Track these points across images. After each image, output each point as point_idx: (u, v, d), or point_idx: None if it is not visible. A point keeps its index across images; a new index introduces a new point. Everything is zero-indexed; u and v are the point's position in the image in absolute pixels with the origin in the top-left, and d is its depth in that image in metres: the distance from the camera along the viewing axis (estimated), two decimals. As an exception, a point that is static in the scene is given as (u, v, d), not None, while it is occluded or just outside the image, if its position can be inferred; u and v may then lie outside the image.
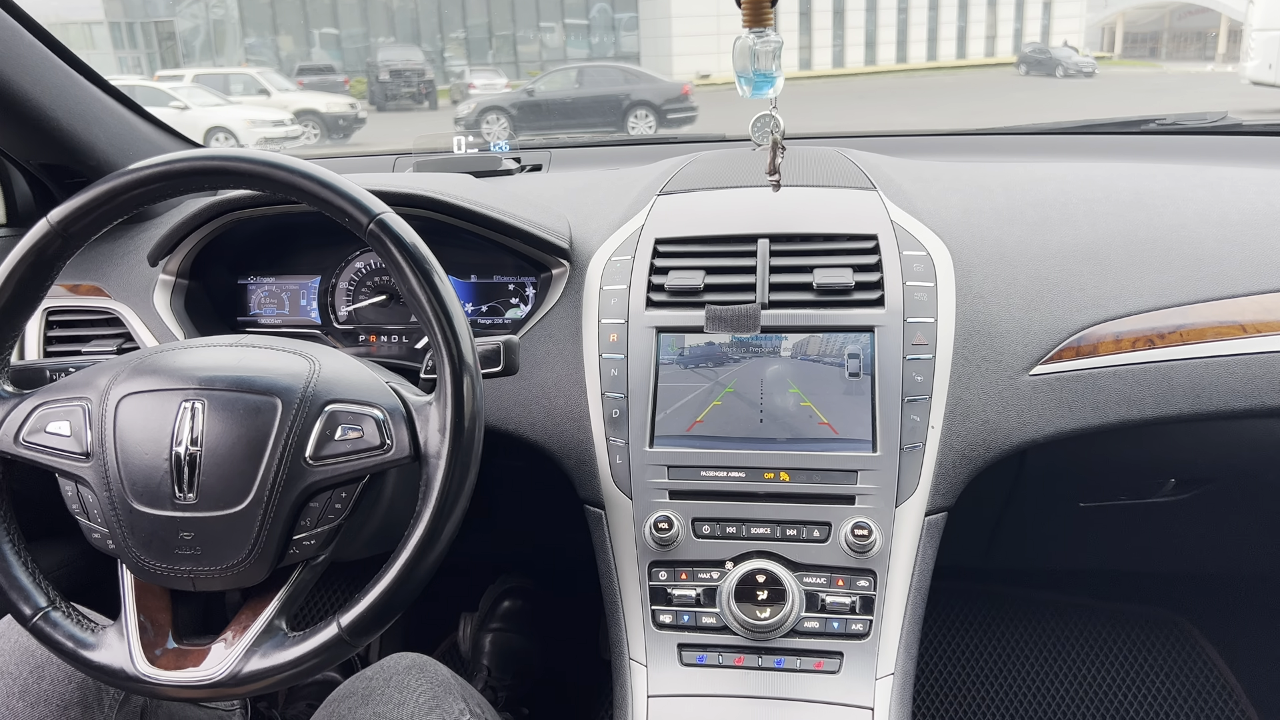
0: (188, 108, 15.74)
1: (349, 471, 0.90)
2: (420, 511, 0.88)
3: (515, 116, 16.24)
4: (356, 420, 0.91)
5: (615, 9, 32.15)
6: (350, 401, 0.92)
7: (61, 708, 1.00)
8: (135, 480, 0.90)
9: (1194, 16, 31.81)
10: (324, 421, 0.91)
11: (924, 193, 1.32)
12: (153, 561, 0.90)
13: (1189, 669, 1.97)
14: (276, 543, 0.90)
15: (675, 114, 15.89)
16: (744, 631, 1.09)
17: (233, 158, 0.91)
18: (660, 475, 1.15)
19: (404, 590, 0.88)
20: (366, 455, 0.90)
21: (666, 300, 1.20)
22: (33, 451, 0.93)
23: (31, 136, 1.45)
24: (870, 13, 31.27)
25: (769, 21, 1.08)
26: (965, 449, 1.15)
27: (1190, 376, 1.17)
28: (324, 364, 0.96)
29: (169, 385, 0.92)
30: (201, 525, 0.89)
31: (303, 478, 0.89)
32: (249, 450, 0.89)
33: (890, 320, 1.14)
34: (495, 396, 1.25)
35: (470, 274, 1.43)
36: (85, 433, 0.91)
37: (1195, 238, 1.25)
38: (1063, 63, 24.42)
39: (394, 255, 0.89)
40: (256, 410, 0.90)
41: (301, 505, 0.90)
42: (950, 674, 2.01)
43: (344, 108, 18.19)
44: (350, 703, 1.04)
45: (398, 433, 0.90)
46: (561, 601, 2.09)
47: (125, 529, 0.90)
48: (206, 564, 0.89)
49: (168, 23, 29.44)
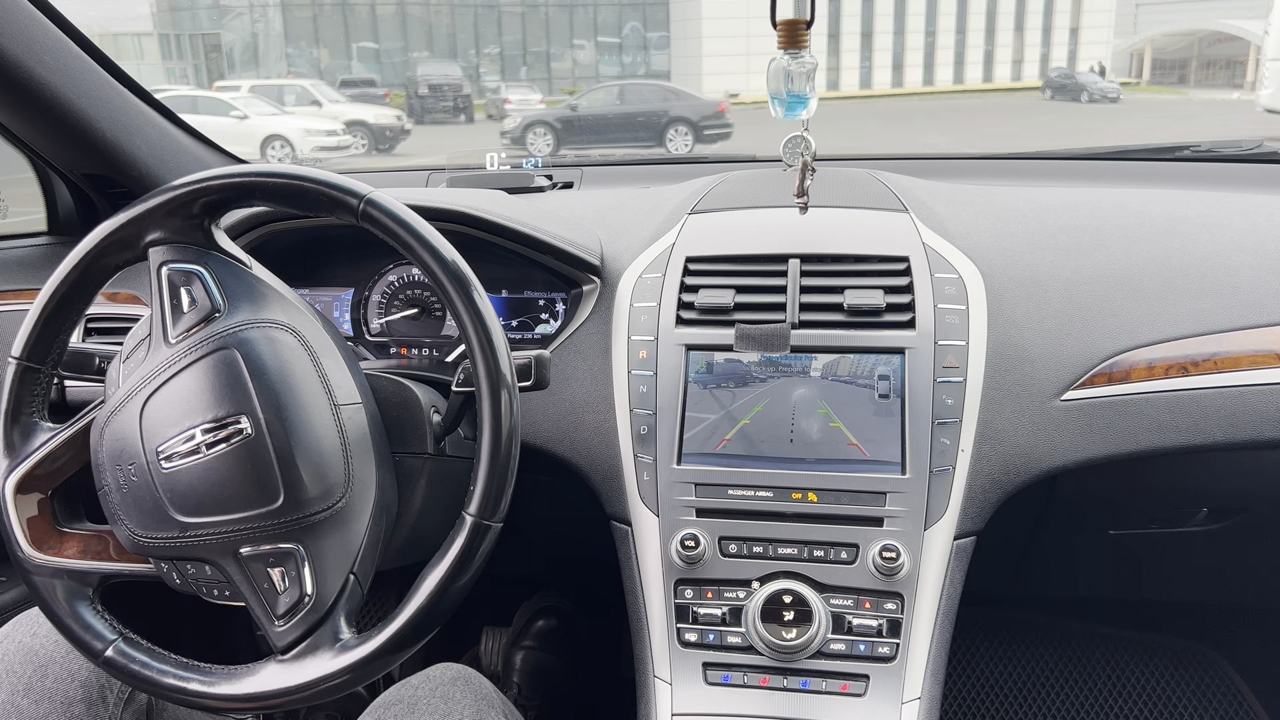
0: (247, 117, 16.21)
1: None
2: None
3: (559, 131, 16.61)
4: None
5: (647, 28, 32.82)
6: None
7: (66, 705, 1.01)
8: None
9: (1223, 44, 31.61)
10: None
11: (956, 215, 1.32)
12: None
13: (1217, 701, 1.94)
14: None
15: (711, 130, 16.16)
16: (769, 652, 1.08)
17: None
18: (688, 493, 1.15)
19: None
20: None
21: (696, 318, 1.20)
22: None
23: (76, 147, 1.48)
24: (898, 35, 31.42)
25: (805, 44, 1.09)
26: (995, 473, 1.14)
27: (1224, 405, 1.16)
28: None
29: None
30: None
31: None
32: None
33: (921, 342, 1.14)
34: (525, 411, 1.25)
35: (502, 289, 1.44)
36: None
37: (1231, 265, 1.24)
38: (1088, 88, 24.40)
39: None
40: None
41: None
42: (976, 700, 1.99)
43: (391, 119, 18.76)
44: (396, 710, 1.04)
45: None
46: (589, 619, 2.08)
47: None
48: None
49: (214, 35, 30.35)
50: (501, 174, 1.70)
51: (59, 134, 1.45)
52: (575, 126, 16.79)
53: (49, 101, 1.37)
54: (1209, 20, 31.58)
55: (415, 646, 0.89)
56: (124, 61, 1.51)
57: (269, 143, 15.73)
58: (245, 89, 19.01)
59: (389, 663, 0.88)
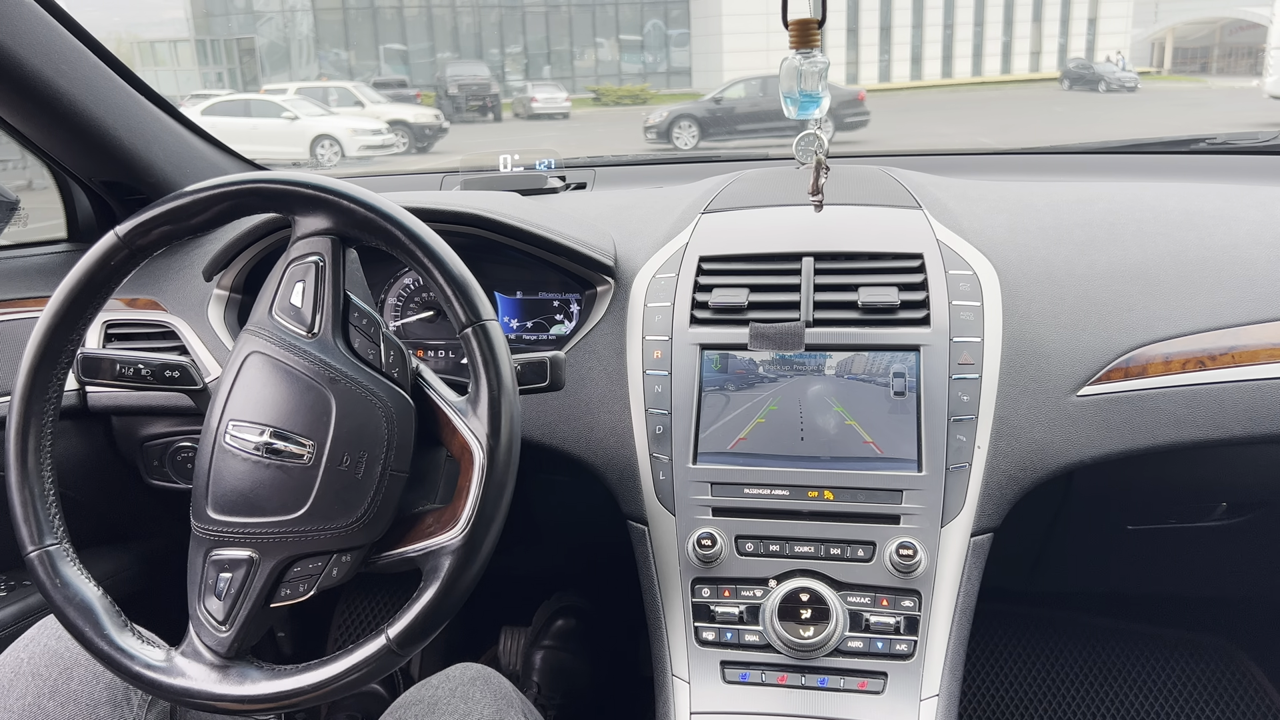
0: (297, 118, 16.65)
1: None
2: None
3: (703, 122, 16.99)
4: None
5: (668, 25, 33.19)
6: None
7: (90, 707, 1.02)
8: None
9: (1245, 32, 31.34)
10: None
11: (970, 212, 1.32)
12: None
13: (1238, 696, 1.93)
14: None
15: (851, 118, 16.73)
16: (787, 650, 1.08)
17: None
18: (703, 492, 1.15)
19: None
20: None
21: (711, 317, 1.20)
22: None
23: (95, 155, 1.50)
24: (916, 29, 31.51)
25: (816, 43, 1.09)
26: (1011, 469, 1.14)
27: (1243, 398, 1.15)
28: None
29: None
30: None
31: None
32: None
33: (936, 340, 1.14)
34: (540, 412, 1.26)
35: (516, 290, 1.45)
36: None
37: (1248, 258, 1.23)
38: (1105, 78, 24.37)
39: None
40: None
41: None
42: (995, 697, 1.99)
43: (430, 118, 19.24)
44: (416, 710, 1.05)
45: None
46: (607, 618, 2.09)
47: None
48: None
49: (247, 40, 30.84)
50: (515, 176, 1.71)
51: (78, 142, 1.47)
52: (718, 119, 17.15)
53: (68, 110, 1.38)
54: (1230, 8, 31.33)
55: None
56: (160, 68, 1.51)
57: (318, 142, 16.18)
58: (292, 91, 19.42)
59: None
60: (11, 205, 1.75)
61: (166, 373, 1.04)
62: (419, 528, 0.94)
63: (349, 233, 0.93)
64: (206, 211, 0.94)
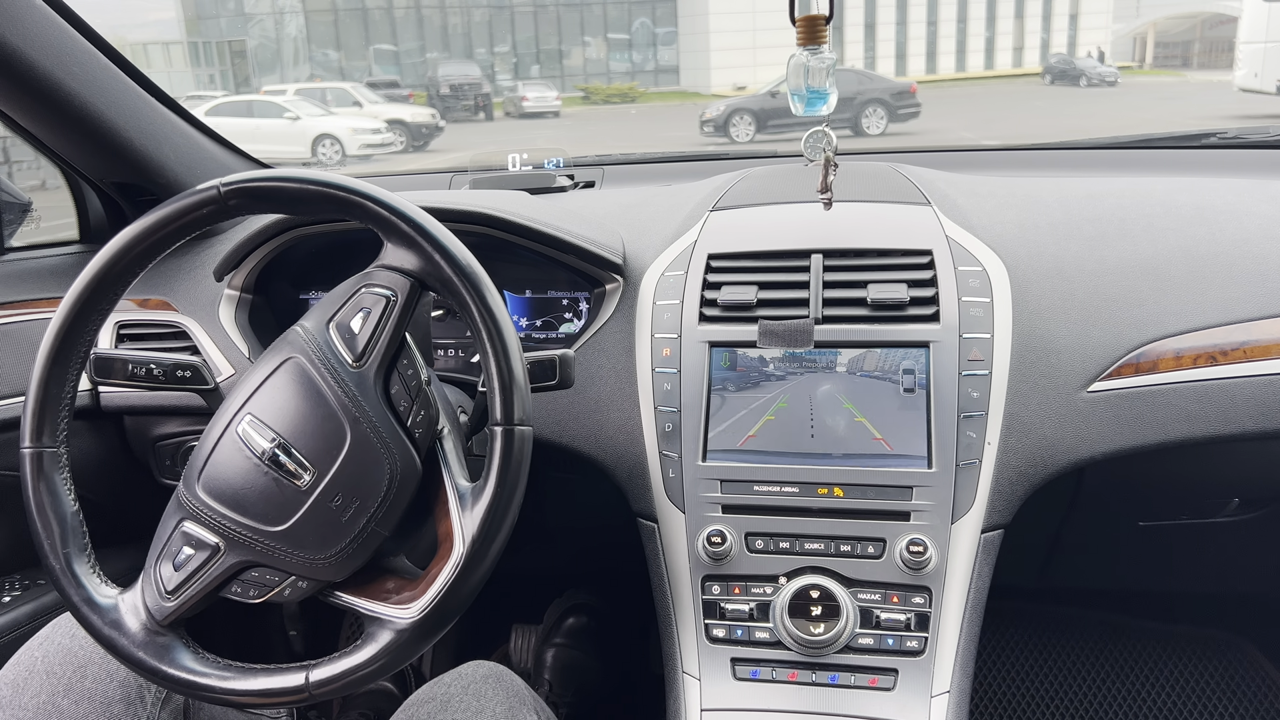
0: (299, 118, 16.83)
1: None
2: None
3: (759, 115, 17.02)
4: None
5: (656, 24, 33.31)
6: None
7: (104, 705, 1.03)
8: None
9: (1225, 26, 31.30)
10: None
11: (979, 208, 1.31)
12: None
13: (1251, 692, 1.92)
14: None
15: (904, 109, 17.19)
16: (798, 647, 1.08)
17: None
18: (713, 489, 1.15)
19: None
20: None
21: (719, 315, 1.21)
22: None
23: (106, 156, 1.50)
24: (900, 26, 31.65)
25: (824, 39, 1.09)
26: (1022, 466, 1.14)
27: (1255, 393, 1.15)
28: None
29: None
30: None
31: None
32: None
33: (946, 336, 1.14)
34: (549, 410, 1.26)
35: (525, 289, 1.45)
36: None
37: (1259, 253, 1.22)
38: (1086, 72, 24.80)
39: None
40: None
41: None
42: (1006, 694, 1.98)
43: (426, 117, 19.50)
44: (429, 708, 1.06)
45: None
46: (618, 616, 2.10)
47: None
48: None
49: (239, 42, 30.99)
50: (523, 175, 1.72)
51: (89, 144, 1.47)
52: (775, 112, 17.19)
53: (79, 112, 1.39)
54: (1210, 2, 31.32)
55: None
56: (152, 70, 1.52)
57: (319, 141, 16.33)
58: (291, 92, 19.60)
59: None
60: (24, 207, 1.77)
61: (178, 373, 1.04)
62: (380, 584, 0.94)
63: (431, 283, 0.92)
64: (309, 202, 0.93)
